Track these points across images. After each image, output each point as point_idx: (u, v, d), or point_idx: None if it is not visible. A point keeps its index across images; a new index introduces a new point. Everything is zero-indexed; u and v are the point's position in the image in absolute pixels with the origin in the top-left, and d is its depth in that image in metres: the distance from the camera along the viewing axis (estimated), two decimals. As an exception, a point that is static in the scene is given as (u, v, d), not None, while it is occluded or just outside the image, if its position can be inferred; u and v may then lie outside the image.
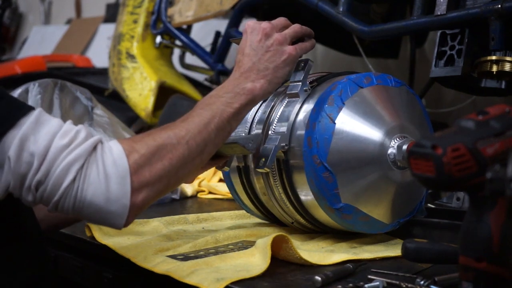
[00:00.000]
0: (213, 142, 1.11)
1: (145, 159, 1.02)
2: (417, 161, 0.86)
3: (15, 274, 1.09)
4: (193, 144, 1.08)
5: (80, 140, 1.00)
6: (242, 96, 1.15)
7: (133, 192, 1.00)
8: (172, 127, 1.08)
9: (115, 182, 0.99)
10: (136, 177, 1.01)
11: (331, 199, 1.25)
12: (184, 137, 1.07)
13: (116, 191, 0.99)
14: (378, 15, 2.20)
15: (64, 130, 1.00)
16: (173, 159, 1.05)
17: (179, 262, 1.17)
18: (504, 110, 0.89)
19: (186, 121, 1.10)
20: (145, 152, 1.03)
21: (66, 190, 0.98)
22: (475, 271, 0.84)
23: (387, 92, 1.31)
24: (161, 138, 1.05)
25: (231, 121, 1.14)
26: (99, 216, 1.01)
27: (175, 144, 1.06)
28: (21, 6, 5.78)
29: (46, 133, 0.99)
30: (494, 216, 0.83)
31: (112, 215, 1.01)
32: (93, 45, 4.34)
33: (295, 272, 1.13)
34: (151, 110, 2.70)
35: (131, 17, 2.87)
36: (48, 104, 1.89)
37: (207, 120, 1.10)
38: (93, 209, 1.00)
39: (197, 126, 1.09)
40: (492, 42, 1.36)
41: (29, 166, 0.98)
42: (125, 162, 1.00)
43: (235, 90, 1.15)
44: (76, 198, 0.99)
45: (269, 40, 1.20)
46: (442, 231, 1.49)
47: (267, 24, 1.22)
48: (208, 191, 1.99)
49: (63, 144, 0.99)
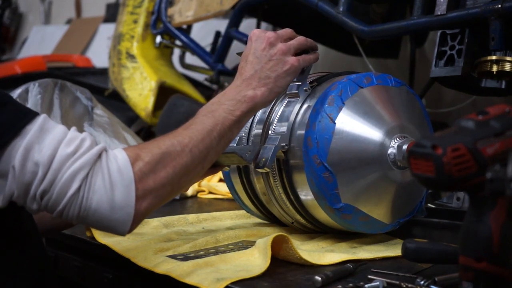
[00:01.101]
0: (215, 149, 1.12)
1: (150, 166, 1.03)
2: (417, 161, 0.86)
3: (16, 278, 1.09)
4: (196, 151, 1.08)
5: (85, 149, 1.00)
6: (244, 104, 1.16)
7: (137, 199, 1.01)
8: (176, 135, 1.09)
9: (120, 190, 0.99)
10: (140, 185, 1.01)
11: (331, 199, 1.25)
12: (188, 145, 1.07)
13: (120, 199, 1.00)
14: (378, 15, 2.20)
15: (69, 138, 1.00)
16: (177, 167, 1.06)
17: (179, 262, 1.17)
18: (504, 110, 0.89)
19: (189, 128, 1.10)
20: (150, 159, 1.03)
21: (71, 199, 0.98)
22: (475, 271, 0.84)
23: (387, 92, 1.31)
24: (165, 145, 1.06)
25: (233, 128, 1.15)
26: (104, 223, 1.01)
27: (179, 151, 1.06)
28: (21, 6, 5.78)
29: (51, 141, 0.99)
30: (494, 216, 0.83)
31: (117, 223, 1.01)
32: (93, 45, 4.34)
33: (295, 272, 1.13)
34: (151, 110, 2.70)
35: (131, 17, 2.87)
36: (48, 104, 1.89)
37: (210, 128, 1.11)
38: (98, 217, 1.00)
39: (200, 133, 1.10)
40: (492, 42, 1.36)
41: (33, 176, 0.98)
42: (130, 170, 1.01)
43: (237, 97, 1.16)
44: (81, 206, 0.99)
45: (273, 49, 1.21)
46: (442, 231, 1.49)
47: (272, 33, 1.23)
48: (208, 191, 1.99)
49: (68, 152, 0.99)
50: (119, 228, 1.02)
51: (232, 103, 1.15)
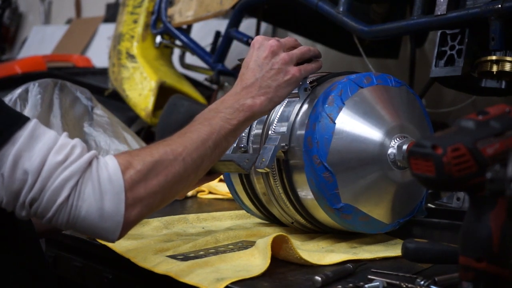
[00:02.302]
0: (209, 158, 1.11)
1: (141, 175, 1.02)
2: (417, 161, 0.86)
3: (12, 282, 1.09)
4: (190, 160, 1.07)
5: (76, 156, 0.99)
6: (241, 113, 1.15)
7: (127, 208, 1.00)
8: (170, 143, 1.08)
9: (109, 199, 0.99)
10: (130, 193, 1.01)
11: (331, 199, 1.25)
12: (181, 154, 1.06)
13: (110, 208, 0.99)
14: (378, 15, 2.20)
15: (60, 145, 0.99)
16: (169, 176, 1.05)
17: (179, 262, 1.17)
18: (504, 110, 0.89)
19: (184, 136, 1.09)
20: (141, 168, 1.02)
21: (60, 207, 0.98)
22: (475, 271, 0.84)
23: (387, 92, 1.31)
24: (158, 153, 1.05)
25: (229, 137, 1.14)
26: (92, 231, 1.01)
27: (172, 160, 1.05)
28: (21, 6, 5.78)
29: (41, 148, 0.98)
30: (494, 216, 0.83)
31: (106, 231, 1.01)
32: (93, 45, 4.34)
33: (295, 272, 1.13)
34: (151, 110, 2.70)
35: (131, 17, 2.87)
36: (48, 104, 1.89)
37: (205, 137, 1.10)
38: (87, 225, 1.00)
39: (194, 142, 1.08)
40: (492, 42, 1.36)
41: (23, 184, 0.97)
42: (120, 178, 1.00)
43: (235, 105, 1.15)
44: (70, 214, 0.99)
45: (275, 58, 1.20)
46: (442, 231, 1.49)
47: (275, 42, 1.21)
48: (208, 191, 1.99)
49: (58, 160, 0.98)
50: (108, 236, 1.01)
51: (230, 112, 1.14)
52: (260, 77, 1.18)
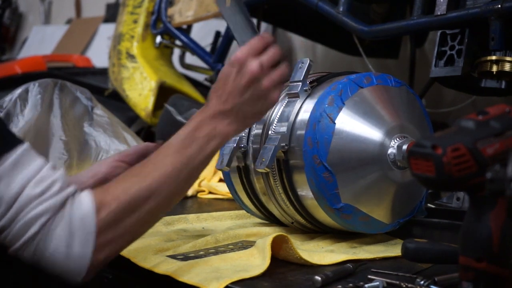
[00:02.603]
0: (181, 191, 1.11)
1: (114, 216, 1.01)
2: (417, 161, 0.86)
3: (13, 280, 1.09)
4: (163, 196, 1.06)
5: (53, 192, 0.98)
6: (216, 140, 1.11)
7: (95, 252, 0.99)
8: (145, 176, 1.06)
9: (78, 241, 0.98)
10: (101, 237, 1.00)
11: (331, 199, 1.25)
12: (156, 191, 1.05)
13: (77, 251, 0.98)
14: (378, 15, 2.20)
15: (40, 177, 0.99)
16: (141, 214, 1.04)
17: (179, 262, 1.17)
18: (504, 110, 0.89)
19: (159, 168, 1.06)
20: (115, 208, 1.01)
21: (27, 242, 0.97)
22: (475, 271, 0.84)
23: (387, 92, 1.31)
24: (133, 190, 1.03)
25: (201, 166, 1.11)
26: (57, 270, 1.00)
27: (146, 198, 1.04)
28: (21, 6, 5.77)
29: (22, 178, 0.97)
30: (494, 216, 0.84)
31: (70, 272, 1.00)
32: (93, 45, 4.33)
33: (295, 272, 1.13)
34: (151, 110, 2.70)
35: (131, 17, 2.87)
36: (48, 104, 1.89)
37: (179, 168, 1.07)
38: (51, 263, 0.99)
39: (169, 176, 1.06)
40: (492, 42, 1.36)
41: None
42: (92, 220, 0.99)
43: (212, 133, 1.11)
44: (36, 250, 0.98)
45: (257, 86, 1.12)
46: (442, 231, 1.49)
47: (256, 67, 1.11)
48: (208, 191, 1.99)
49: (35, 193, 0.97)
50: (72, 277, 1.00)
51: (205, 140, 1.10)
52: (239, 103, 1.12)
